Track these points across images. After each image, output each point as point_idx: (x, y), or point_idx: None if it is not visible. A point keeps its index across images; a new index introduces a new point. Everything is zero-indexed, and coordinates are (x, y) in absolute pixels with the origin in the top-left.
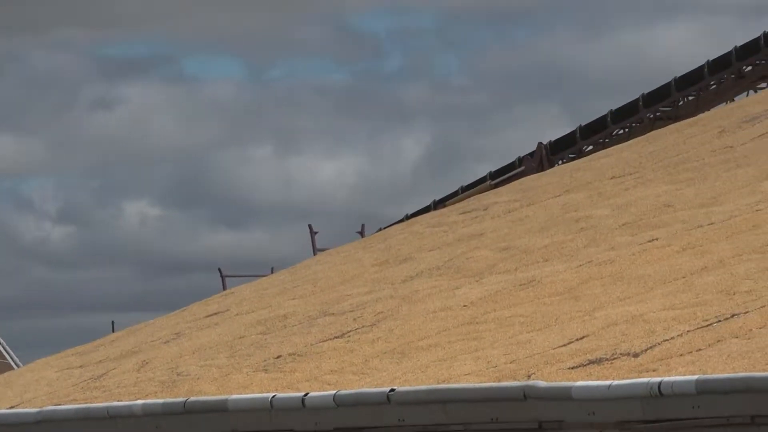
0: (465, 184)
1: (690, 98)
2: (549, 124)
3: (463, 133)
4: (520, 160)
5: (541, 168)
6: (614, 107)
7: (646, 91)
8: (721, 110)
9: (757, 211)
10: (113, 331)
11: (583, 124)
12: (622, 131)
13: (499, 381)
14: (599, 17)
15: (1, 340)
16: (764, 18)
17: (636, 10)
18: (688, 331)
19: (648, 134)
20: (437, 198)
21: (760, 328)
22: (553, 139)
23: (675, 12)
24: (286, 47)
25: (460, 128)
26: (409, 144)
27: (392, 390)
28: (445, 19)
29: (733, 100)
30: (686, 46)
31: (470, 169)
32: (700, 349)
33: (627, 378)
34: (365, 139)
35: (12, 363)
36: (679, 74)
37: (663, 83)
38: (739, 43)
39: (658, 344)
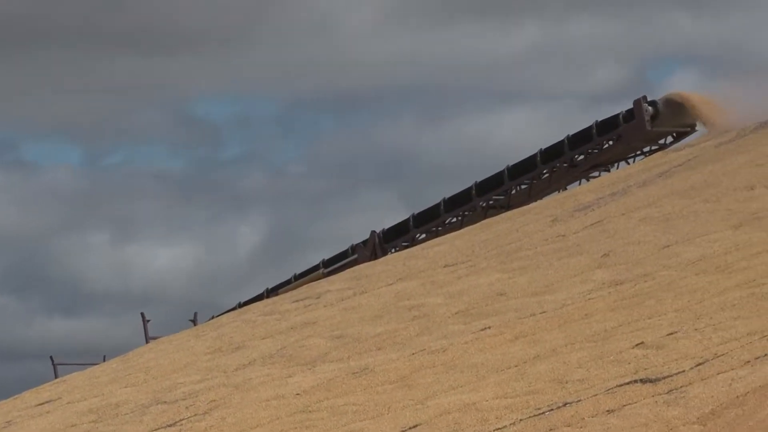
0: (298, 272)
1: (522, 187)
2: (388, 212)
3: (301, 220)
4: (353, 249)
5: (374, 256)
6: (447, 195)
7: (479, 179)
8: (553, 199)
9: (589, 299)
10: None
11: (416, 212)
12: (455, 219)
13: None
14: (441, 104)
15: None
16: (602, 106)
17: (478, 99)
18: (520, 420)
19: (481, 222)
20: (270, 286)
21: (593, 417)
22: (386, 227)
23: (516, 100)
24: (124, 134)
25: (298, 216)
26: (247, 231)
27: None
28: (285, 107)
29: (566, 189)
30: (528, 132)
31: (308, 257)
32: None
33: None
34: (203, 226)
35: None
36: (511, 163)
37: (496, 171)
38: (572, 131)
39: None
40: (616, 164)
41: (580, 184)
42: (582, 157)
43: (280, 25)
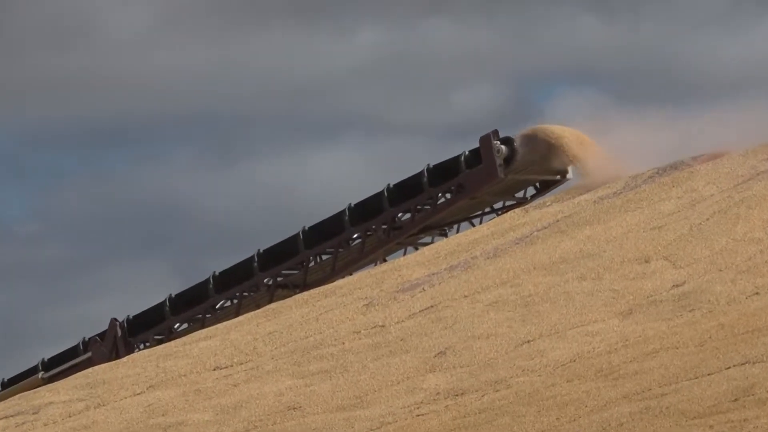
0: (8, 376)
1: (324, 257)
2: (154, 290)
3: (26, 302)
4: (86, 344)
5: (115, 354)
6: (221, 269)
7: (265, 247)
8: (368, 274)
9: (418, 416)
10: None
11: (175, 293)
12: (229, 303)
13: None
14: (234, 141)
15: None
16: (465, 140)
17: (285, 131)
18: None
19: (266, 308)
20: None
21: None
22: (132, 314)
23: (341, 132)
24: None
25: (22, 295)
26: None
27: None
28: (14, 144)
29: (385, 261)
30: (356, 178)
31: (32, 354)
32: None
33: None
34: None
35: None
36: (309, 224)
37: (288, 236)
38: (395, 180)
39: None
40: (456, 226)
41: (405, 253)
42: (408, 215)
43: (10, 33)
